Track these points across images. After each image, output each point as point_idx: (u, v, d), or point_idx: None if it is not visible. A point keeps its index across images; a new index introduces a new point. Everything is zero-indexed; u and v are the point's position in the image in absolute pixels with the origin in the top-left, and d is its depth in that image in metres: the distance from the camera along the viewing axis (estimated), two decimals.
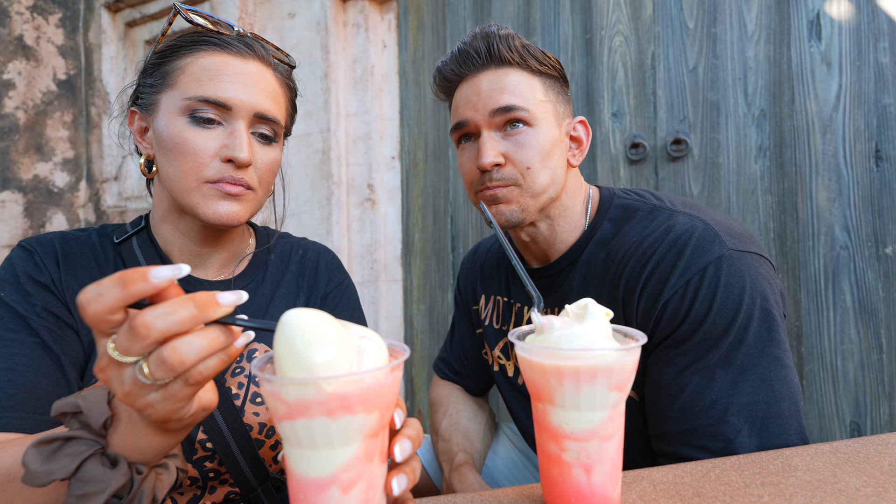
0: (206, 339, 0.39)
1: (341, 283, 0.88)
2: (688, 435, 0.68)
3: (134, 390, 0.38)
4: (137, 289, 0.36)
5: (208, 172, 0.67)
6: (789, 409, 0.66)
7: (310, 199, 2.15)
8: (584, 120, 0.89)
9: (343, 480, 0.36)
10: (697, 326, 0.69)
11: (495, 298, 1.01)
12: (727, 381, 0.67)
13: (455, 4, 2.08)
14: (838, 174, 1.51)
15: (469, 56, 0.81)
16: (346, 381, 0.35)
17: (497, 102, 0.79)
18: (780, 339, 0.69)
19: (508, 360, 0.97)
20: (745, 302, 0.68)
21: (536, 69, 0.81)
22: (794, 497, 0.46)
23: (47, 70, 2.49)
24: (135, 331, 0.36)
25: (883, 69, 1.46)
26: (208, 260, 0.77)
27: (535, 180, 0.80)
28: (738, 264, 0.70)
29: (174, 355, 0.37)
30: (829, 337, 1.51)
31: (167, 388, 0.39)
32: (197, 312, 0.38)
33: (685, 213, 0.78)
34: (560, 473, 0.46)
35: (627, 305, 0.76)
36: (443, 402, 1.10)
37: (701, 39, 1.67)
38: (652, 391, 0.73)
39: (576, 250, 0.86)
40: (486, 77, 0.81)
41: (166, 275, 0.37)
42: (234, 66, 0.69)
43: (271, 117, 0.71)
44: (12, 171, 2.40)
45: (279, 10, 2.22)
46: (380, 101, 2.21)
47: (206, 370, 0.39)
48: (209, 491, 0.69)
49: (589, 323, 0.47)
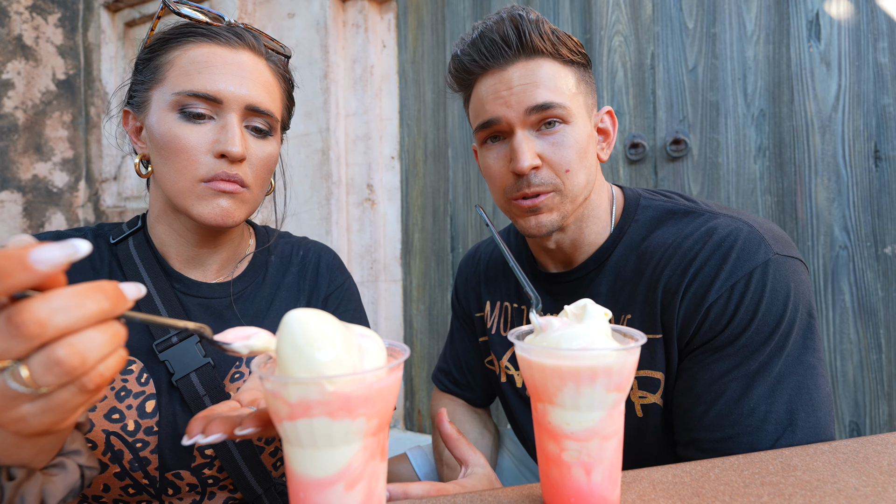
0: (109, 332, 0.31)
1: (342, 283, 0.86)
2: (723, 443, 0.65)
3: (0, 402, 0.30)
4: (16, 281, 0.28)
5: (201, 170, 0.64)
6: (824, 419, 0.64)
7: (309, 199, 2.15)
8: (611, 110, 0.83)
9: (344, 480, 0.36)
10: (741, 332, 0.66)
11: (502, 304, 0.95)
12: (765, 390, 0.64)
13: (455, 4, 2.08)
14: (837, 174, 1.51)
15: (496, 45, 0.72)
16: (348, 381, 0.35)
17: (533, 99, 0.71)
18: (815, 348, 0.67)
19: (517, 371, 0.90)
20: (790, 309, 0.66)
21: (568, 58, 0.74)
22: (794, 497, 0.46)
23: (46, 70, 2.49)
24: (21, 328, 0.28)
25: (882, 69, 1.46)
26: (206, 261, 0.75)
27: (575, 183, 0.75)
28: (783, 269, 0.67)
29: (73, 355, 0.29)
30: (828, 337, 1.52)
31: (50, 398, 0.31)
32: (109, 306, 0.30)
33: (726, 214, 0.74)
34: (560, 473, 0.46)
35: (667, 309, 0.72)
36: None
37: (700, 39, 1.67)
38: (684, 397, 0.70)
39: (602, 253, 0.81)
40: (517, 70, 0.72)
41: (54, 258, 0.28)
42: (223, 56, 0.66)
43: (264, 109, 0.68)
44: (11, 171, 2.40)
45: (279, 10, 2.22)
46: (379, 100, 2.21)
47: (107, 372, 0.32)
48: (208, 496, 0.68)
49: (588, 323, 0.47)
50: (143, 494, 0.64)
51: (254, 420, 0.40)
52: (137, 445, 0.63)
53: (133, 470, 0.62)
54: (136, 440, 0.63)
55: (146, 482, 0.63)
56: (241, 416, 0.41)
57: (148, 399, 0.65)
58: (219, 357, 0.71)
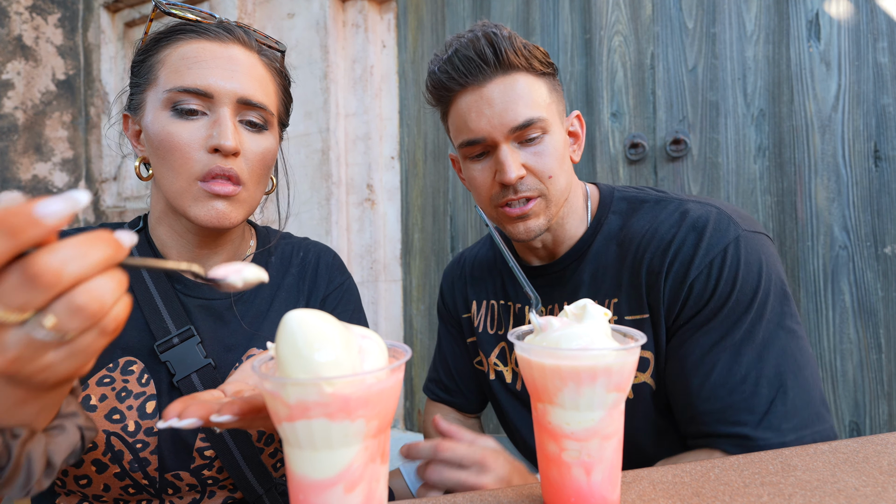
0: (115, 278, 0.32)
1: (342, 283, 0.86)
2: (724, 412, 0.69)
3: (25, 353, 0.32)
4: (27, 237, 0.29)
5: (196, 167, 0.64)
6: (812, 377, 0.70)
7: (309, 199, 2.15)
8: (579, 114, 0.89)
9: (343, 482, 0.36)
10: (723, 304, 0.72)
11: (489, 303, 0.98)
12: (753, 356, 0.70)
13: (454, 4, 2.08)
14: (837, 174, 1.51)
15: (472, 62, 0.75)
16: (347, 382, 0.35)
17: (516, 118, 0.75)
18: (793, 313, 0.73)
19: (506, 366, 0.94)
20: (763, 279, 0.72)
21: (540, 70, 0.78)
22: (793, 497, 0.47)
23: (46, 70, 2.49)
24: (37, 280, 0.29)
25: (882, 69, 1.46)
26: (207, 262, 0.75)
27: (557, 187, 0.80)
28: (753, 244, 0.74)
29: (92, 301, 0.31)
30: (828, 337, 1.52)
31: (74, 343, 0.33)
32: (112, 252, 0.32)
33: (693, 200, 0.81)
34: (560, 473, 0.46)
35: (652, 290, 0.77)
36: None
37: (700, 39, 1.67)
38: (679, 373, 0.74)
39: (583, 244, 0.86)
40: (496, 86, 0.75)
41: (60, 211, 0.29)
42: (212, 51, 0.65)
43: (257, 102, 0.67)
44: (11, 172, 2.40)
45: (278, 10, 2.22)
46: (379, 100, 2.21)
47: (120, 314, 0.34)
48: (208, 496, 0.68)
49: (588, 323, 0.47)
50: (143, 494, 0.64)
51: (231, 408, 0.41)
52: (138, 446, 0.63)
53: (133, 470, 0.63)
54: (136, 441, 0.63)
55: (146, 482, 0.64)
56: (220, 404, 0.42)
57: (148, 400, 0.65)
58: (220, 358, 0.71)
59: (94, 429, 0.48)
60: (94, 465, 0.62)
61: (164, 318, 0.69)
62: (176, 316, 0.70)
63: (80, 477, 0.62)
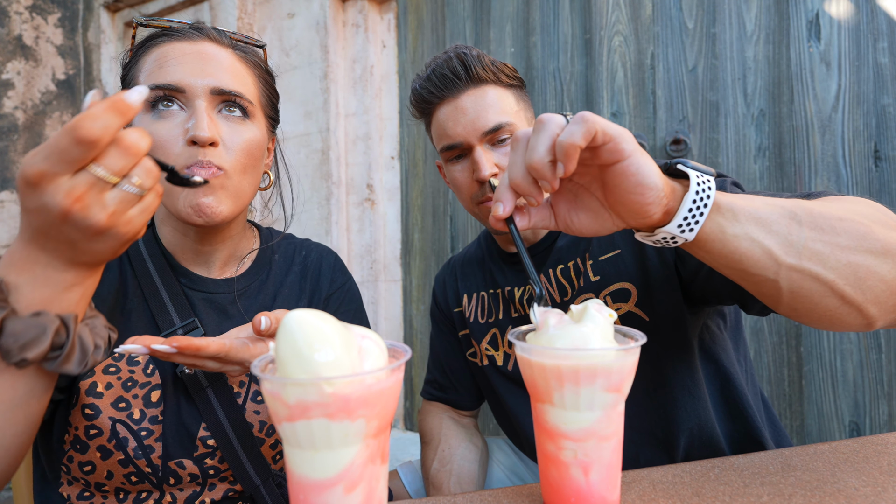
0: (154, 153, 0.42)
1: (343, 284, 0.88)
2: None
3: (119, 209, 0.43)
4: (131, 114, 0.41)
5: (177, 162, 0.65)
6: None
7: (309, 199, 2.15)
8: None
9: (343, 482, 0.36)
10: None
11: (479, 294, 1.04)
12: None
13: (454, 4, 2.08)
14: (837, 174, 1.51)
15: (447, 78, 0.87)
16: (347, 382, 0.35)
17: (486, 123, 0.85)
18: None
19: (497, 351, 0.98)
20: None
21: (507, 83, 0.88)
22: (793, 497, 0.47)
23: (46, 70, 2.49)
24: (129, 150, 0.42)
25: (882, 69, 1.46)
26: (210, 259, 0.77)
27: None
28: None
29: (153, 165, 0.44)
30: (828, 337, 1.52)
31: (144, 200, 0.45)
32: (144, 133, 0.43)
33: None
34: (559, 473, 0.46)
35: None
36: (433, 435, 1.05)
37: (700, 39, 1.67)
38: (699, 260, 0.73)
39: None
40: (468, 97, 0.86)
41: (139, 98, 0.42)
42: (182, 49, 0.67)
43: (231, 90, 0.68)
44: (11, 172, 2.40)
45: (278, 10, 2.22)
46: (379, 100, 2.21)
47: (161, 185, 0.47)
48: (209, 488, 0.69)
49: (588, 323, 0.47)
50: (144, 484, 0.65)
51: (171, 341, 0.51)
52: (142, 434, 0.65)
53: (137, 457, 0.64)
54: (140, 428, 0.65)
55: (149, 470, 0.65)
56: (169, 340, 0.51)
57: (153, 389, 0.67)
58: None
59: (115, 330, 0.55)
60: (99, 451, 0.63)
61: (168, 311, 0.71)
62: (180, 309, 0.72)
63: (85, 463, 0.64)
